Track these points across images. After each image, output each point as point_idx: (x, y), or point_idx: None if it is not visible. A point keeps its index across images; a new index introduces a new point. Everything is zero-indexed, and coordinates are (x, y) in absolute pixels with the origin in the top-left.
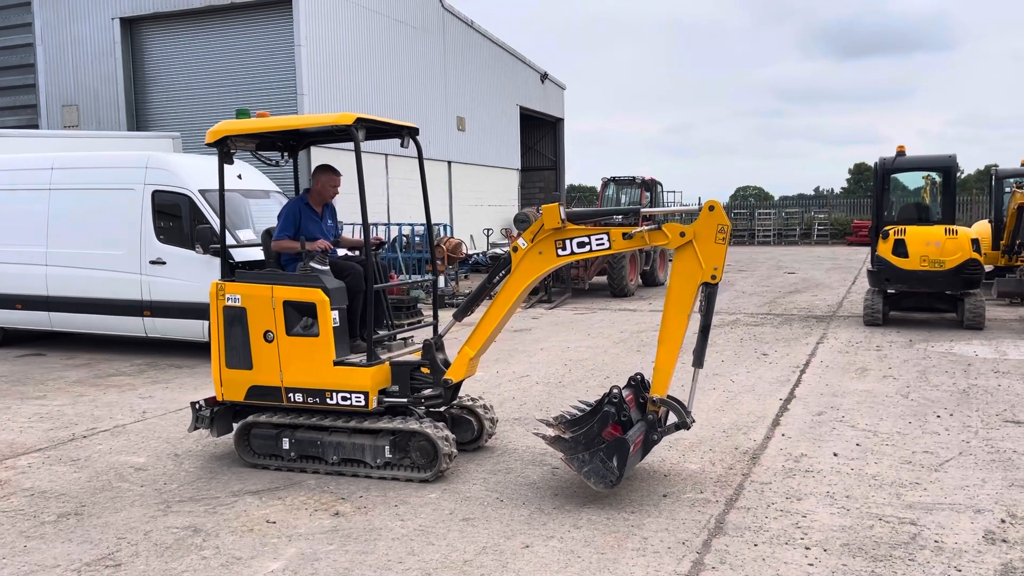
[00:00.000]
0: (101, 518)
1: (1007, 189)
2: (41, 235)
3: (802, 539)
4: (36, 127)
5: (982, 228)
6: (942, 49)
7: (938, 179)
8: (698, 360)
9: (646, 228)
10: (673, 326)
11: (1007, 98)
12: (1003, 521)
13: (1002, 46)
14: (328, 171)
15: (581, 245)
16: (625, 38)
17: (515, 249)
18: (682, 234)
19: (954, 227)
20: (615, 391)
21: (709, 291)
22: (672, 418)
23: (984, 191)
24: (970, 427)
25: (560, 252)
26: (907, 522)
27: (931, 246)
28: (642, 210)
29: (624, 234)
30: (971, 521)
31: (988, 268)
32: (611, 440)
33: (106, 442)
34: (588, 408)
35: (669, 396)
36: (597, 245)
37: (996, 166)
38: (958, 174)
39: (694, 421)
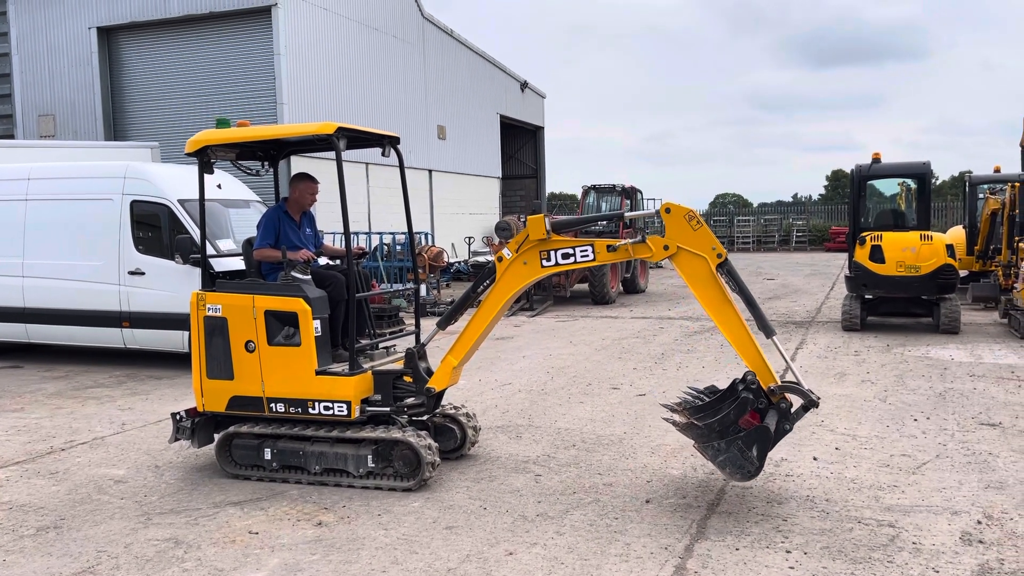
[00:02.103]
0: (81, 531)
1: (981, 195)
2: (18, 246)
3: (783, 542)
4: (12, 137)
5: (957, 234)
6: (914, 58)
7: (913, 185)
8: (766, 330)
9: (630, 241)
10: (727, 322)
11: (978, 106)
12: (979, 522)
13: (972, 55)
14: (305, 179)
15: (566, 256)
16: (603, 48)
17: (500, 259)
18: (665, 247)
19: (929, 233)
20: (750, 377)
21: (727, 268)
22: (796, 402)
23: (958, 197)
24: (946, 430)
25: (545, 263)
26: (886, 524)
27: (907, 252)
28: (625, 214)
29: (609, 246)
30: (948, 523)
31: (963, 273)
32: (750, 428)
33: (85, 455)
34: (711, 395)
35: (784, 381)
36: (582, 257)
37: (970, 172)
38: (933, 180)
39: (820, 398)
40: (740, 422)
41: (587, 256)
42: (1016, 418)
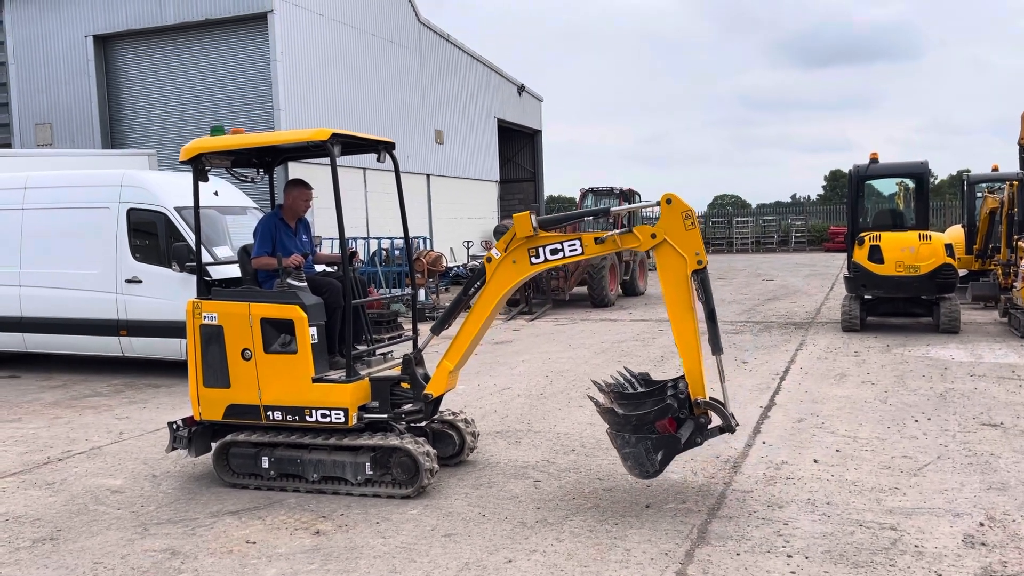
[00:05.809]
0: (77, 542)
1: (979, 194)
2: (15, 255)
3: (784, 547)
4: (9, 146)
5: (955, 233)
6: (905, 58)
7: (911, 185)
8: (715, 346)
9: (617, 232)
10: (682, 326)
11: (971, 105)
12: (982, 524)
13: (963, 55)
14: (299, 185)
15: (554, 252)
16: (598, 50)
17: (489, 259)
18: (653, 235)
19: (928, 232)
20: (682, 385)
21: (701, 277)
22: (716, 421)
23: (956, 196)
24: (948, 431)
25: (534, 260)
26: (887, 527)
27: (906, 251)
28: (612, 209)
29: (596, 239)
30: (950, 525)
31: (962, 272)
32: (664, 434)
33: (82, 464)
34: (643, 383)
35: (711, 398)
36: (570, 251)
37: (968, 172)
38: (931, 180)
39: (738, 424)
40: (657, 424)
41: (575, 250)
42: (1017, 418)
